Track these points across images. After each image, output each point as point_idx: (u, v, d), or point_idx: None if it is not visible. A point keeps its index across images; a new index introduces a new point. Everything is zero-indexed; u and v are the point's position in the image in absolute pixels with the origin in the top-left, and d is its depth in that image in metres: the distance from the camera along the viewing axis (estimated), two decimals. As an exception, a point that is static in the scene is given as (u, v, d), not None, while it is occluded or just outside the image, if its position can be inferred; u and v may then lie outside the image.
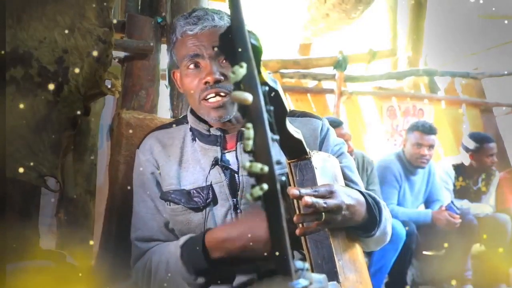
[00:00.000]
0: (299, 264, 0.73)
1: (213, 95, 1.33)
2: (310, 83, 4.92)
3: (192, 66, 1.35)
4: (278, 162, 0.68)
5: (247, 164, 0.65)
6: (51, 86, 1.71)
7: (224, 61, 1.34)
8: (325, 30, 4.85)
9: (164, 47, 2.33)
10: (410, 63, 5.65)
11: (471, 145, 3.80)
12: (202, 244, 1.25)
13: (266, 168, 0.66)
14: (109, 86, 1.92)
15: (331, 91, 4.73)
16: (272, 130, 0.69)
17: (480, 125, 5.35)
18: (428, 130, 3.54)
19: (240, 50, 0.70)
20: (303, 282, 0.70)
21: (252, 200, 0.65)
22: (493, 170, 3.95)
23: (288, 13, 4.91)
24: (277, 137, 0.70)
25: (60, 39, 1.73)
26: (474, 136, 3.87)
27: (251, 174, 0.66)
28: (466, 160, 3.86)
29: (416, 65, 5.61)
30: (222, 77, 1.33)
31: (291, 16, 4.92)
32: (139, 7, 2.33)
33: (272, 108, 0.74)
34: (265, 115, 0.69)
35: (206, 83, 1.33)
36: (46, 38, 1.71)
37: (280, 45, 5.44)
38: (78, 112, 1.80)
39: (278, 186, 0.67)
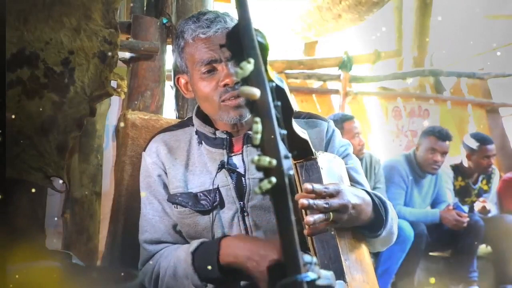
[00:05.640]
0: (307, 258, 0.73)
1: (233, 97, 1.32)
2: (315, 84, 4.92)
3: (207, 70, 1.34)
4: (286, 157, 0.68)
5: (256, 157, 0.66)
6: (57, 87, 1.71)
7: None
8: (331, 30, 4.85)
9: (169, 48, 2.34)
10: (416, 63, 5.64)
11: (471, 145, 3.79)
12: (217, 256, 1.24)
13: (274, 162, 0.66)
14: (115, 87, 1.93)
15: (336, 91, 4.73)
16: (279, 126, 0.70)
17: (486, 125, 5.33)
18: (444, 136, 3.54)
19: (247, 47, 0.70)
20: (311, 275, 0.69)
21: (260, 193, 0.66)
22: (493, 168, 3.93)
23: (293, 12, 4.90)
24: (284, 132, 0.71)
25: (66, 40, 1.74)
26: (473, 137, 3.85)
27: (259, 168, 0.66)
28: (466, 160, 3.84)
29: (421, 65, 5.60)
30: None
31: (296, 15, 4.92)
32: (145, 8, 2.34)
33: (279, 103, 0.74)
34: (273, 110, 0.69)
35: (225, 85, 1.31)
36: (52, 39, 1.72)
37: (285, 45, 5.45)
38: (84, 113, 1.80)
39: (287, 180, 0.67)
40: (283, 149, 0.68)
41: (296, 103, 4.66)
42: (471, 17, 6.76)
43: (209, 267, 1.24)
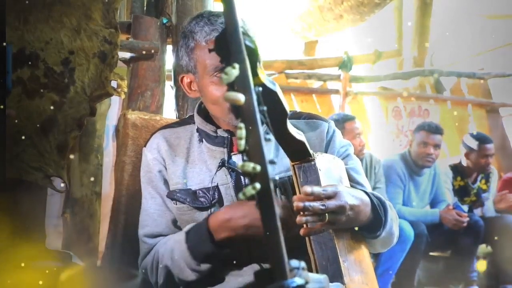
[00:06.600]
0: (294, 263, 0.72)
1: None
2: (315, 84, 4.92)
3: (220, 74, 1.31)
4: (272, 162, 0.67)
5: (240, 163, 0.66)
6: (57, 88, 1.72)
7: None
8: (331, 30, 4.85)
9: (169, 48, 2.34)
10: (416, 63, 5.64)
11: (471, 144, 3.79)
12: (206, 226, 1.26)
13: (258, 167, 0.65)
14: (115, 87, 1.93)
15: (336, 91, 4.73)
16: (267, 131, 0.69)
17: (486, 125, 5.33)
18: (434, 129, 3.56)
19: (234, 51, 0.69)
20: (298, 280, 0.68)
21: (245, 199, 0.65)
22: (491, 168, 3.93)
23: (293, 12, 4.91)
24: (270, 136, 0.70)
25: (66, 40, 1.74)
26: (473, 136, 3.86)
27: (244, 173, 0.66)
28: (465, 159, 3.85)
29: (421, 65, 5.60)
30: None
31: (296, 15, 4.92)
32: (145, 8, 2.34)
33: (265, 108, 0.73)
34: (258, 115, 0.68)
35: None
36: (53, 39, 1.72)
37: (285, 45, 5.45)
38: (84, 113, 1.81)
39: (272, 185, 0.67)
40: (268, 155, 0.67)
41: (296, 104, 4.66)
42: (471, 17, 6.76)
43: (201, 234, 1.26)
